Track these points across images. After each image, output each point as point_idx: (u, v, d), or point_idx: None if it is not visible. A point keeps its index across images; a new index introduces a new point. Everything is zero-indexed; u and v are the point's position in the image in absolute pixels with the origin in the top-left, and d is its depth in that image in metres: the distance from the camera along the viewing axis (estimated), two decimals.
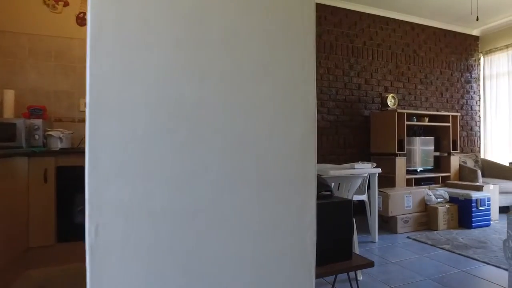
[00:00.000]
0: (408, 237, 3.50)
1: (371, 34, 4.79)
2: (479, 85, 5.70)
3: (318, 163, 3.71)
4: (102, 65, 0.76)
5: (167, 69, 0.81)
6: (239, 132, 0.87)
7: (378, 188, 3.38)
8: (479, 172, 4.49)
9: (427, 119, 4.65)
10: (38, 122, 2.71)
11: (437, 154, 4.76)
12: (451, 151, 4.71)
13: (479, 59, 5.70)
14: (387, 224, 3.76)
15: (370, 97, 4.77)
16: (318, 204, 0.96)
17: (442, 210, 3.77)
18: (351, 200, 1.56)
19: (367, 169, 2.95)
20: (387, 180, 4.21)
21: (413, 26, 5.10)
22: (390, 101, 4.52)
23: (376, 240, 3.35)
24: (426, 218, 3.82)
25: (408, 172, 4.35)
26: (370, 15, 4.78)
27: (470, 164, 5.01)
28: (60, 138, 2.76)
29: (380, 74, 4.85)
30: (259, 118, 0.89)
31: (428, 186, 4.28)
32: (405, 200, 3.75)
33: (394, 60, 4.96)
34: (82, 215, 2.53)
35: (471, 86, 5.63)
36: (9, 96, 2.78)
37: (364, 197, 3.28)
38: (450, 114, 4.75)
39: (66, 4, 3.05)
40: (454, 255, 2.93)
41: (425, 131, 4.94)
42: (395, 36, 4.97)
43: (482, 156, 5.52)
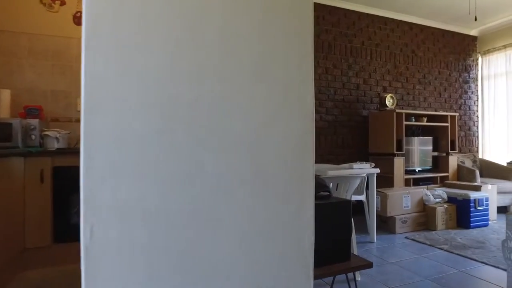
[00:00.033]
0: (406, 237, 3.49)
1: (369, 34, 4.79)
2: (477, 85, 5.70)
3: (316, 163, 3.71)
4: (97, 64, 0.75)
5: (163, 68, 0.80)
6: (236, 132, 0.87)
7: (376, 188, 3.38)
8: (477, 172, 4.50)
9: (425, 119, 4.66)
10: (34, 122, 2.69)
11: (435, 154, 4.77)
12: (450, 151, 4.71)
13: (477, 59, 5.71)
14: (386, 224, 3.76)
15: (368, 97, 4.77)
16: (316, 205, 0.95)
17: (440, 210, 3.77)
18: (350, 201, 1.55)
19: (366, 169, 2.94)
20: (385, 180, 4.20)
21: (411, 26, 5.10)
22: (389, 101, 4.51)
23: (375, 240, 3.35)
24: (425, 218, 3.82)
25: (406, 172, 4.35)
26: (368, 15, 4.77)
27: (468, 164, 5.01)
28: (56, 138, 2.74)
29: (378, 74, 4.85)
30: (256, 118, 0.89)
31: (426, 186, 4.28)
32: (403, 200, 3.75)
33: (393, 60, 4.96)
34: (78, 215, 2.51)
35: (469, 86, 5.64)
36: (5, 95, 2.76)
37: (362, 197, 3.28)
38: (449, 114, 4.75)
39: (63, 3, 3.03)
40: (453, 255, 2.92)
41: (423, 131, 4.94)
42: (394, 36, 4.97)
43: (480, 156, 5.53)
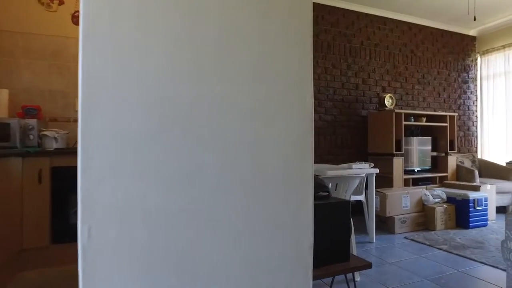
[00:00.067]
0: (405, 237, 3.49)
1: (368, 34, 4.79)
2: (476, 85, 5.71)
3: (316, 163, 3.70)
4: (95, 63, 0.75)
5: (162, 68, 0.80)
6: (235, 132, 0.86)
7: (375, 188, 3.38)
8: (476, 172, 4.50)
9: (424, 119, 4.66)
10: (32, 122, 2.68)
11: (434, 154, 4.77)
12: (449, 151, 4.71)
13: (476, 59, 5.72)
14: (385, 224, 3.76)
15: (367, 97, 4.77)
16: (315, 205, 0.95)
17: (439, 210, 3.76)
18: (349, 201, 1.54)
19: (365, 169, 2.94)
20: (384, 180, 4.20)
21: (410, 26, 5.10)
22: (388, 101, 4.51)
23: (374, 241, 3.34)
24: (424, 218, 3.82)
25: (405, 172, 4.35)
26: (367, 15, 4.77)
27: (467, 164, 5.02)
28: (55, 138, 2.73)
29: (377, 74, 4.85)
30: (255, 118, 0.88)
31: (425, 186, 4.28)
32: (402, 200, 3.74)
33: (392, 60, 4.96)
34: (77, 216, 2.50)
35: (468, 86, 5.64)
36: (3, 95, 2.75)
37: (361, 197, 3.28)
38: (448, 114, 4.75)
39: (61, 2, 3.02)
40: (452, 255, 2.92)
41: (422, 131, 4.94)
42: (393, 36, 4.97)
43: (479, 156, 5.53)
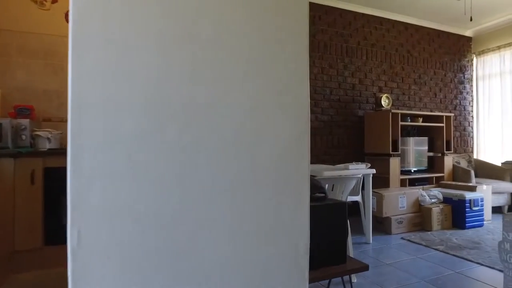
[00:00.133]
0: (402, 238, 3.49)
1: (365, 34, 4.79)
2: (472, 85, 5.73)
3: (312, 163, 3.69)
4: (85, 62, 0.73)
5: (155, 67, 0.78)
6: (230, 133, 0.85)
7: (372, 188, 3.37)
8: (472, 173, 4.51)
9: (421, 120, 4.66)
10: (25, 122, 2.64)
11: (430, 154, 4.77)
12: (445, 152, 4.72)
13: (472, 60, 5.74)
14: (381, 225, 3.75)
15: (364, 97, 4.77)
16: (311, 207, 0.93)
17: (436, 210, 3.77)
18: (345, 203, 1.53)
19: (361, 169, 2.93)
20: (381, 180, 4.20)
21: (406, 26, 5.10)
22: (384, 101, 4.51)
23: (370, 241, 3.33)
24: (420, 219, 3.82)
25: (402, 172, 4.35)
26: (364, 15, 4.77)
27: (464, 164, 5.03)
28: (48, 139, 2.69)
29: (374, 74, 4.84)
30: (251, 118, 0.87)
31: (422, 187, 4.28)
32: (399, 200, 3.74)
33: (388, 60, 4.96)
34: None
35: (464, 87, 5.66)
36: None
37: (358, 198, 3.27)
38: (444, 114, 4.76)
39: (54, 1, 2.97)
40: (448, 256, 2.92)
41: (419, 132, 4.94)
42: (389, 36, 4.97)
43: (475, 156, 5.55)
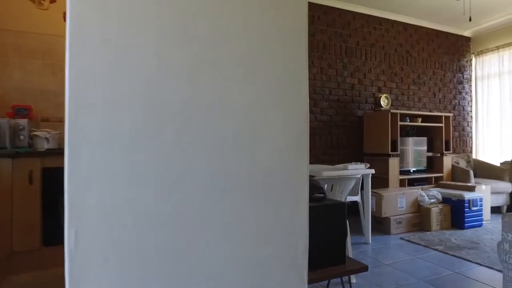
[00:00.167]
0: (401, 238, 3.48)
1: (364, 34, 4.79)
2: (471, 85, 5.73)
3: (311, 163, 3.69)
4: (83, 62, 0.72)
5: (154, 66, 0.78)
6: (228, 133, 0.84)
7: (371, 189, 3.37)
8: (471, 173, 4.51)
9: (420, 120, 4.66)
10: (23, 122, 2.62)
11: (430, 154, 4.77)
12: (444, 152, 4.72)
13: (471, 60, 5.74)
14: (381, 225, 3.75)
15: (363, 97, 4.76)
16: (310, 207, 0.93)
17: (435, 210, 3.77)
18: (345, 203, 1.52)
19: (361, 170, 2.92)
20: (380, 180, 4.19)
21: (406, 26, 5.10)
22: (383, 101, 4.51)
23: (370, 242, 3.33)
24: (419, 219, 3.82)
25: (401, 172, 4.35)
26: (363, 15, 4.77)
27: (463, 164, 5.03)
28: (46, 139, 2.68)
29: (373, 74, 4.84)
30: (250, 118, 0.86)
31: (421, 187, 4.28)
32: (398, 201, 3.74)
33: (387, 60, 4.96)
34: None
35: (463, 87, 5.66)
36: None
37: (357, 198, 3.26)
38: (443, 114, 4.76)
39: (52, 0, 2.96)
40: (448, 256, 2.92)
41: (418, 132, 4.94)
42: (388, 36, 4.97)
43: (474, 157, 5.55)
